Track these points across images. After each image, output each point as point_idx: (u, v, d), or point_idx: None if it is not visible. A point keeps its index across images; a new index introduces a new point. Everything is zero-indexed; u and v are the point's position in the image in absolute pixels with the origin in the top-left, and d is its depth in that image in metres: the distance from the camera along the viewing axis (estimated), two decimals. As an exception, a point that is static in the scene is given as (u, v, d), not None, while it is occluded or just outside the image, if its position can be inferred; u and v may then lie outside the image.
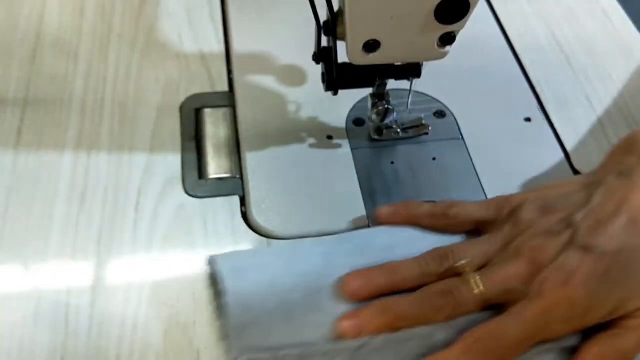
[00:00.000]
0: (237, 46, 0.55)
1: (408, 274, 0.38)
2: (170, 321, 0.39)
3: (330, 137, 0.49)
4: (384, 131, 0.49)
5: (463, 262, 0.38)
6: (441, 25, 0.38)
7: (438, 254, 0.39)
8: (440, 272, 0.38)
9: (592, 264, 0.36)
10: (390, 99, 0.46)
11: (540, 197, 0.40)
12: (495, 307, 0.37)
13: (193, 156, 0.47)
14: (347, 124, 0.50)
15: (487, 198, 0.45)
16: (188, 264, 0.42)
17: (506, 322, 0.36)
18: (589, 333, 0.37)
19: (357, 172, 0.47)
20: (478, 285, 0.37)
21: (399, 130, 0.49)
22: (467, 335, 0.35)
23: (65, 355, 0.38)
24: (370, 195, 0.45)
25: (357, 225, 0.44)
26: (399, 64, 0.43)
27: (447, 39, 0.39)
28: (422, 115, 0.50)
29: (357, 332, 0.36)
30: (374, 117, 0.47)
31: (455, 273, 0.38)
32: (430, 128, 0.49)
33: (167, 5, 0.58)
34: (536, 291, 0.36)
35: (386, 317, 0.37)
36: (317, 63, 0.44)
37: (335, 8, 0.39)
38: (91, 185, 0.45)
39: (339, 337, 0.36)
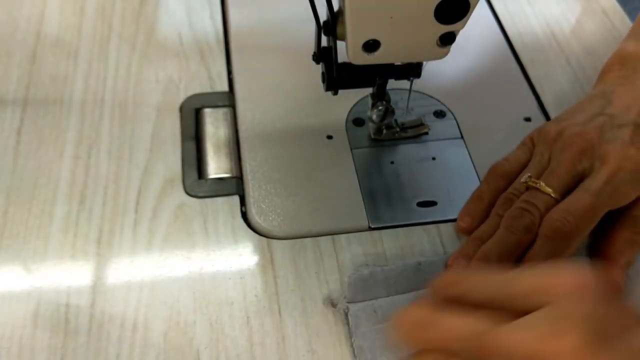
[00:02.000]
0: (237, 46, 0.55)
1: (489, 228, 0.41)
2: (170, 321, 0.39)
3: (330, 137, 0.49)
4: (384, 131, 0.49)
5: (524, 177, 0.41)
6: (441, 25, 0.38)
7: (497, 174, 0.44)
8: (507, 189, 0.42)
9: (634, 132, 0.41)
10: (390, 99, 0.46)
11: (557, 117, 0.45)
12: None
13: (193, 156, 0.47)
14: (347, 124, 0.50)
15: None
16: (188, 264, 0.42)
17: (578, 196, 0.39)
18: None
19: (357, 172, 0.47)
20: (547, 189, 0.40)
21: (399, 130, 0.49)
22: (544, 223, 0.39)
23: (65, 355, 0.38)
24: (370, 195, 0.45)
25: (357, 226, 0.44)
26: (399, 63, 0.43)
27: (447, 39, 0.39)
28: (422, 116, 0.50)
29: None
30: (374, 117, 0.47)
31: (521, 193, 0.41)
32: (430, 128, 0.49)
33: (167, 5, 0.58)
34: (599, 161, 0.40)
35: (492, 264, 0.38)
36: (317, 63, 0.44)
37: (335, 8, 0.39)
38: (91, 185, 0.45)
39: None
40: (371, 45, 0.39)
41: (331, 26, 0.39)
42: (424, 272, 0.41)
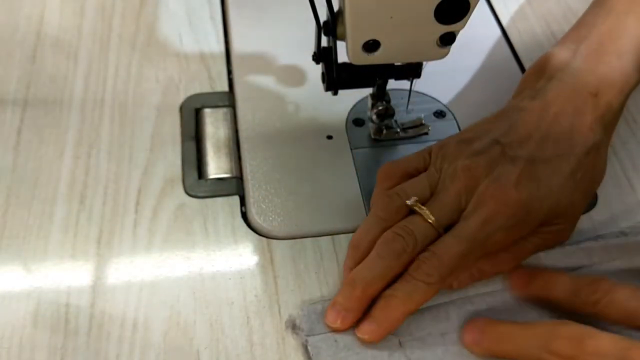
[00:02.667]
0: (237, 46, 0.55)
1: (372, 236, 0.40)
2: (170, 321, 0.39)
3: (330, 137, 0.49)
4: (384, 131, 0.49)
5: (410, 200, 0.40)
6: (441, 25, 0.38)
7: (385, 200, 0.41)
8: (395, 218, 0.40)
9: (523, 170, 0.39)
10: (390, 99, 0.46)
11: (462, 134, 0.44)
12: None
13: (193, 156, 0.47)
14: (347, 124, 0.50)
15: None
16: (188, 264, 0.42)
17: (448, 243, 0.38)
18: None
19: (357, 172, 0.47)
20: (429, 216, 0.39)
21: (399, 130, 0.49)
22: (414, 263, 0.38)
23: (65, 355, 0.38)
24: (370, 195, 0.45)
25: (357, 226, 0.44)
26: (399, 64, 0.43)
27: (447, 39, 0.39)
28: (422, 115, 0.50)
29: (340, 318, 0.38)
30: (374, 117, 0.47)
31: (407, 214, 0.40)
32: (430, 128, 0.49)
33: (167, 5, 0.58)
34: (476, 202, 0.39)
35: (357, 290, 0.38)
36: (317, 63, 0.44)
37: (335, 8, 0.39)
38: (91, 185, 0.45)
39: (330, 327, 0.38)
40: (371, 46, 0.39)
41: (331, 26, 0.39)
42: None
